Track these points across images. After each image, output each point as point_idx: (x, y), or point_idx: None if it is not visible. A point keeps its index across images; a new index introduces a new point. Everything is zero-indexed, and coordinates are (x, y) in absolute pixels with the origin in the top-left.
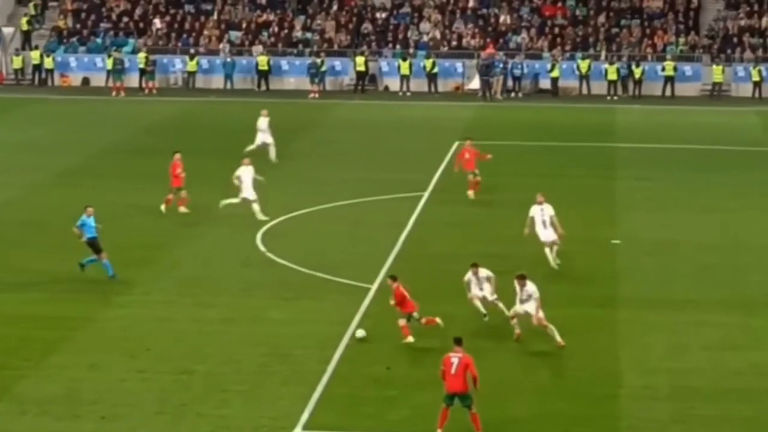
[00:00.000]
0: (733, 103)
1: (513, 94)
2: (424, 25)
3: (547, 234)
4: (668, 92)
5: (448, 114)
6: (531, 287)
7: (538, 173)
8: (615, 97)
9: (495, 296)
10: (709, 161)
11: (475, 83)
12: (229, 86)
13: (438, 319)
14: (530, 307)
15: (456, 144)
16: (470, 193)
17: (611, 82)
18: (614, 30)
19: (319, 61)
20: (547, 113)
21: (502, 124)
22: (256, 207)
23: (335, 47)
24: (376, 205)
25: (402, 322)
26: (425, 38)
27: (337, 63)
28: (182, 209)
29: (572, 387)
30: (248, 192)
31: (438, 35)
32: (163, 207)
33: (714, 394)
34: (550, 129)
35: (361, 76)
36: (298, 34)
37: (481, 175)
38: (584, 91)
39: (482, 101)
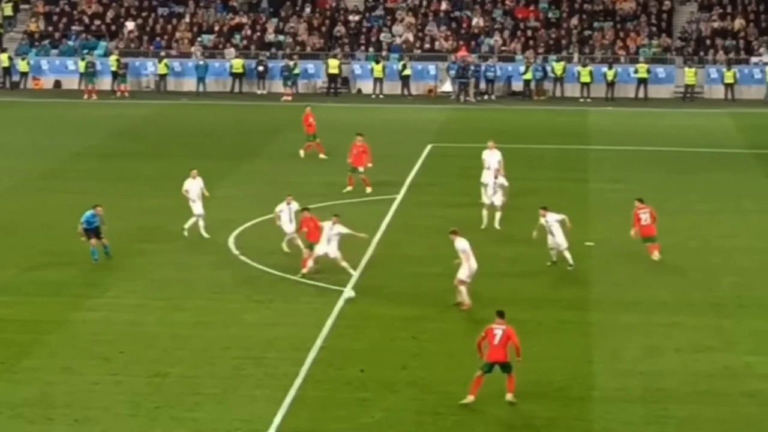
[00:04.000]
0: (705, 105)
1: (486, 97)
2: (397, 28)
3: (497, 198)
4: (641, 94)
5: (421, 117)
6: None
7: (511, 176)
8: (588, 99)
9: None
10: (681, 163)
11: (447, 86)
12: (201, 89)
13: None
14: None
15: (429, 146)
16: (349, 188)
17: (584, 85)
18: (587, 32)
19: (292, 63)
20: (519, 115)
21: (475, 126)
22: (200, 223)
23: (308, 50)
24: (350, 207)
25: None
26: (398, 41)
27: (310, 66)
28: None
29: (545, 389)
30: (196, 207)
31: (411, 38)
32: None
33: (686, 396)
34: (523, 131)
35: (333, 78)
36: (270, 36)
37: (459, 178)
38: (558, 93)
39: (455, 104)
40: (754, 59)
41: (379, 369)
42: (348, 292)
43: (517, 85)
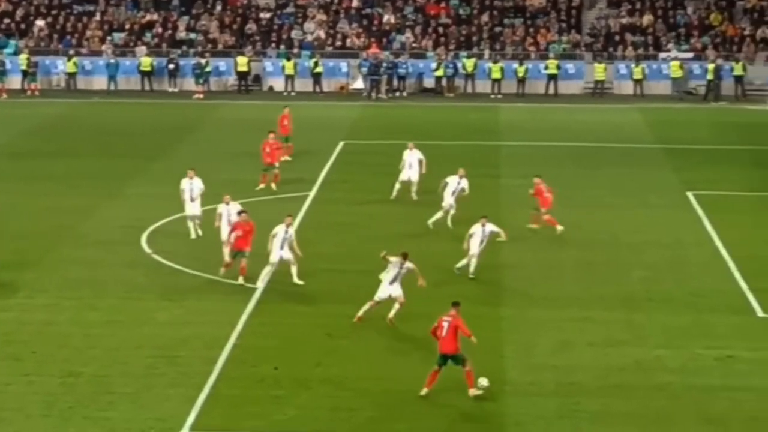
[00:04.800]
0: (615, 100)
1: (398, 94)
2: (309, 25)
3: (449, 200)
4: (551, 90)
5: (333, 114)
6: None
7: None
8: (499, 96)
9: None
10: (591, 158)
11: (359, 83)
12: (112, 87)
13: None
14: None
15: (342, 143)
16: (272, 185)
17: (495, 81)
18: (498, 29)
19: (204, 61)
20: (431, 112)
21: (387, 123)
22: (194, 223)
23: (220, 47)
24: (263, 205)
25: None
26: (310, 38)
27: (222, 63)
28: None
29: (458, 384)
30: (190, 207)
31: (322, 35)
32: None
33: (598, 390)
34: (435, 128)
35: (243, 76)
36: (182, 34)
37: (372, 175)
38: (469, 89)
39: (367, 101)
40: (662, 55)
41: (292, 366)
42: (482, 381)
43: (429, 82)
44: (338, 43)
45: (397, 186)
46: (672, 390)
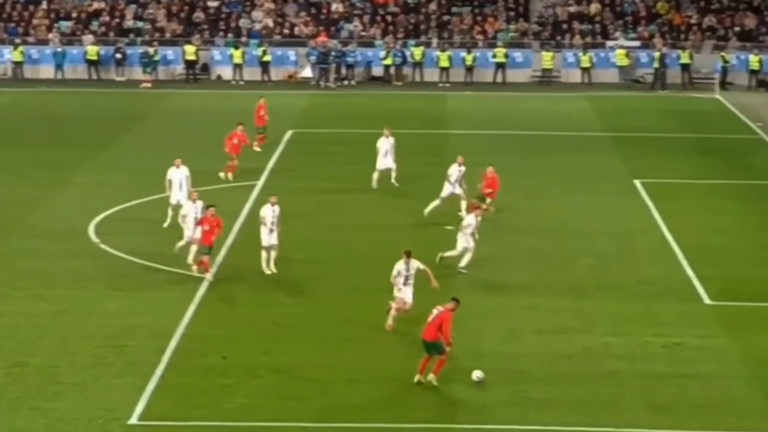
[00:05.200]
0: (562, 89)
1: (346, 82)
2: (257, 14)
3: (452, 189)
4: (499, 79)
5: (282, 102)
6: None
7: (371, 160)
8: (447, 84)
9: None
10: (539, 147)
11: (307, 71)
12: (60, 76)
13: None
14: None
15: (290, 132)
16: (228, 175)
17: (443, 69)
18: (446, 17)
19: (152, 50)
20: (380, 100)
21: (336, 111)
22: (171, 213)
23: (167, 36)
24: (211, 194)
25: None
26: (257, 27)
27: (170, 52)
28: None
29: (407, 373)
30: (175, 197)
31: (270, 23)
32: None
33: (547, 377)
34: (384, 116)
35: (191, 65)
36: (129, 23)
37: (320, 164)
38: (417, 78)
39: (316, 89)
40: (609, 43)
41: (241, 355)
42: (477, 374)
43: (377, 71)
44: (286, 32)
45: (376, 176)
46: (620, 377)
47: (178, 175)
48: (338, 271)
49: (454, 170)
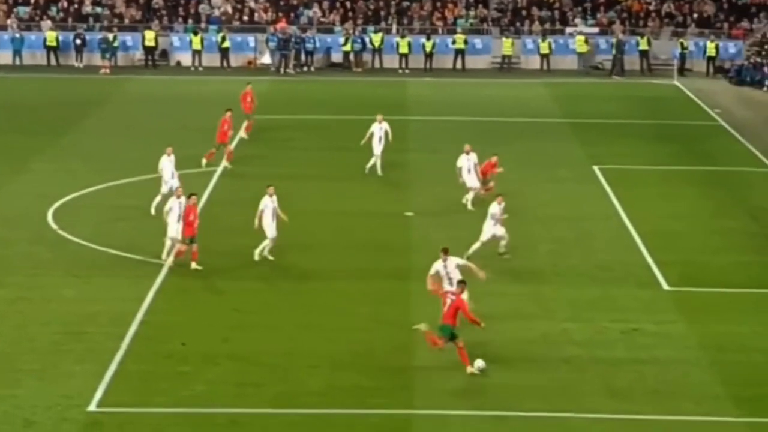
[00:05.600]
0: (522, 75)
1: (305, 68)
2: (216, 0)
3: (471, 180)
4: (459, 65)
5: (241, 89)
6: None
7: (332, 146)
8: (407, 71)
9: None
10: (499, 133)
11: (267, 58)
12: (18, 62)
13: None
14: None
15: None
16: (227, 163)
17: (402, 56)
18: (405, 3)
19: (111, 36)
20: (339, 87)
21: (296, 98)
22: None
23: (126, 22)
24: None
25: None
26: (217, 13)
27: (128, 38)
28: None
29: (366, 359)
30: (167, 186)
31: (230, 9)
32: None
33: (506, 364)
34: (343, 102)
35: (150, 51)
36: (88, 8)
37: (280, 150)
38: (376, 64)
39: (275, 75)
40: (569, 30)
41: (200, 342)
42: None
43: (337, 57)
44: (246, 18)
45: (372, 161)
46: (578, 363)
47: (170, 163)
48: (298, 257)
49: (464, 161)
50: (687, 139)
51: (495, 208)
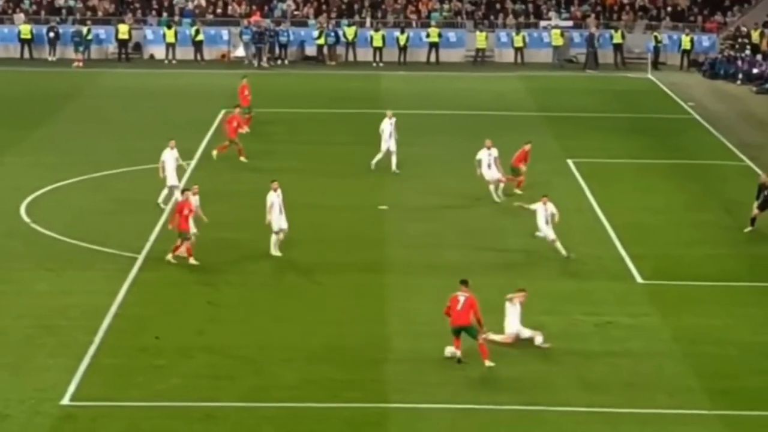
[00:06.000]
0: (496, 68)
1: (279, 62)
2: None
3: (491, 173)
4: (433, 58)
5: (215, 82)
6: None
7: (306, 140)
8: (381, 64)
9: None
10: (473, 126)
11: (240, 51)
12: None
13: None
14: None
15: (223, 112)
16: (241, 158)
17: (376, 49)
18: None
19: (84, 29)
20: (313, 80)
21: (270, 91)
22: (176, 194)
23: (99, 15)
24: (143, 174)
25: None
26: (191, 6)
27: (102, 31)
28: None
29: (340, 353)
30: (171, 179)
31: (203, 3)
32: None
33: (479, 356)
34: (317, 96)
35: (123, 44)
36: (61, 1)
37: (255, 143)
38: (350, 57)
39: (249, 69)
40: (543, 23)
41: (174, 335)
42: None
43: (311, 50)
44: (219, 11)
45: (379, 156)
46: (552, 356)
47: (172, 156)
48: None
49: (485, 155)
50: (661, 132)
51: (543, 210)
